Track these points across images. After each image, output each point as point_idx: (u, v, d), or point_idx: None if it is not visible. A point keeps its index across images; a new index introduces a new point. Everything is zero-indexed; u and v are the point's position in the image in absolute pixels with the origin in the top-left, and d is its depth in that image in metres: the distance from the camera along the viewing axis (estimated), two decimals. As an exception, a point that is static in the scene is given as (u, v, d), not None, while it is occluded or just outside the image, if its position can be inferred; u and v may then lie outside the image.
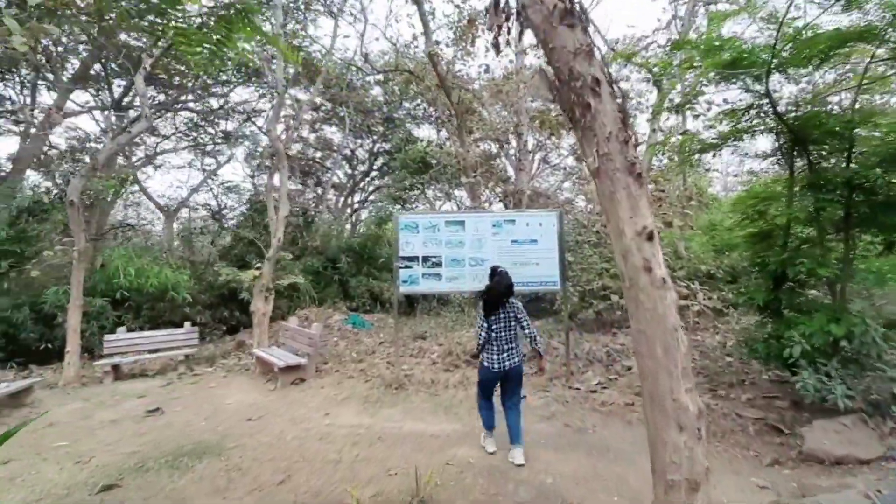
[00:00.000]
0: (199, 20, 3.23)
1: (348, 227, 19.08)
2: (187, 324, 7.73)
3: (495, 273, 4.12)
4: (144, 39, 11.64)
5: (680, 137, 9.59)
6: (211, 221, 16.43)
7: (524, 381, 4.14)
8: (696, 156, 5.76)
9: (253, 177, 21.12)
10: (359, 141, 20.28)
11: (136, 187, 18.11)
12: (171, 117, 16.81)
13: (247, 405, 5.64)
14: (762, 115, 4.48)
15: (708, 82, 4.70)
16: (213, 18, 3.13)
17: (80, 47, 12.10)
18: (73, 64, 12.82)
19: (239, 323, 11.51)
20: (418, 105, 19.50)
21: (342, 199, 20.36)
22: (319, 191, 17.86)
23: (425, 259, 6.00)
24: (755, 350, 5.10)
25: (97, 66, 13.35)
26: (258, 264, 8.01)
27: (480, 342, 3.94)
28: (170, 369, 7.41)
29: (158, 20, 3.35)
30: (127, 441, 4.60)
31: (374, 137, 19.79)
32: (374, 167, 20.53)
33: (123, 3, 3.67)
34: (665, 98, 5.11)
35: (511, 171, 15.65)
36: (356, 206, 21.19)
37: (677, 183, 11.67)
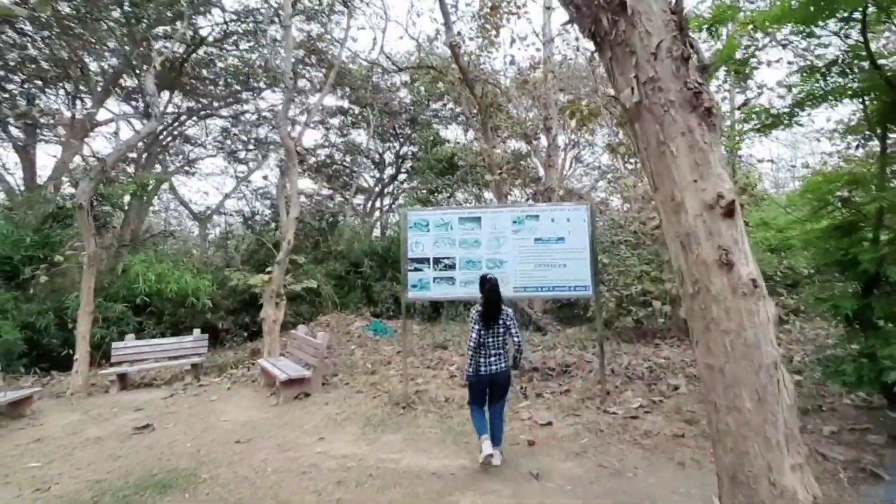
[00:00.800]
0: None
1: (377, 231, 18.63)
2: (196, 331, 7.31)
3: (486, 282, 3.89)
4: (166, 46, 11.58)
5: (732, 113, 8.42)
6: (242, 227, 16.36)
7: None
8: (756, 134, 4.71)
9: (283, 183, 21.16)
10: (386, 144, 19.90)
11: (171, 194, 18.46)
12: (203, 125, 17.00)
13: (240, 424, 5.05)
14: (848, 71, 3.47)
15: (771, 29, 3.69)
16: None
17: (112, 57, 12.21)
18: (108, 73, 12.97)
19: (259, 329, 11.12)
20: (444, 105, 18.89)
21: (370, 202, 19.97)
22: (346, 194, 17.46)
23: (437, 261, 5.25)
24: (841, 373, 4.02)
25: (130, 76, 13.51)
26: (269, 269, 7.51)
27: (471, 352, 3.84)
28: (177, 379, 6.99)
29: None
30: (100, 465, 4.07)
31: (401, 140, 19.35)
32: (402, 170, 20.05)
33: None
34: (729, 52, 4.12)
35: (542, 171, 14.71)
36: (385, 209, 20.74)
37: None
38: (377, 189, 19.99)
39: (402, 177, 20.39)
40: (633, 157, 11.58)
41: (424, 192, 18.05)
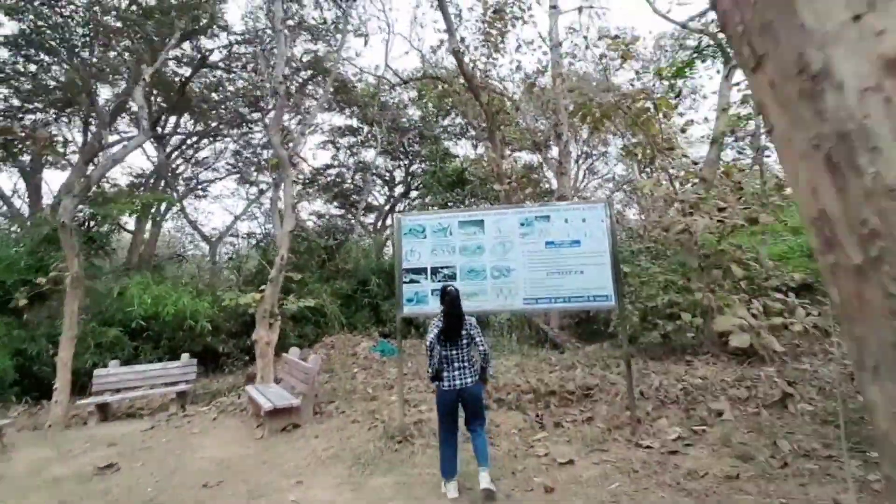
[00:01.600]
0: None
1: (388, 248, 18.10)
2: (185, 356, 6.73)
3: (446, 294, 3.55)
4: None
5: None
6: (253, 249, 16.00)
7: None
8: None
9: (296, 204, 20.92)
10: (396, 162, 19.55)
11: (182, 216, 18.30)
12: (213, 148, 16.90)
13: (216, 462, 4.37)
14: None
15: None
16: None
17: (120, 80, 12.13)
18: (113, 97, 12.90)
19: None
20: (454, 119, 18.51)
21: (380, 220, 19.51)
22: (355, 212, 17.02)
23: (435, 271, 4.57)
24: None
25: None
26: (262, 287, 6.93)
27: (432, 371, 3.51)
28: (164, 408, 6.37)
29: None
30: (40, 517, 3.43)
31: (411, 157, 18.97)
32: (413, 187, 19.60)
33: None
34: None
35: (554, 183, 14.02)
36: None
37: (754, 177, 9.53)
38: (387, 207, 19.56)
39: (413, 194, 19.94)
40: (650, 163, 10.83)
41: (435, 207, 17.52)
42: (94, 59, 11.07)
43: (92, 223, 8.70)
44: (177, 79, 12.12)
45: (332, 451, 4.35)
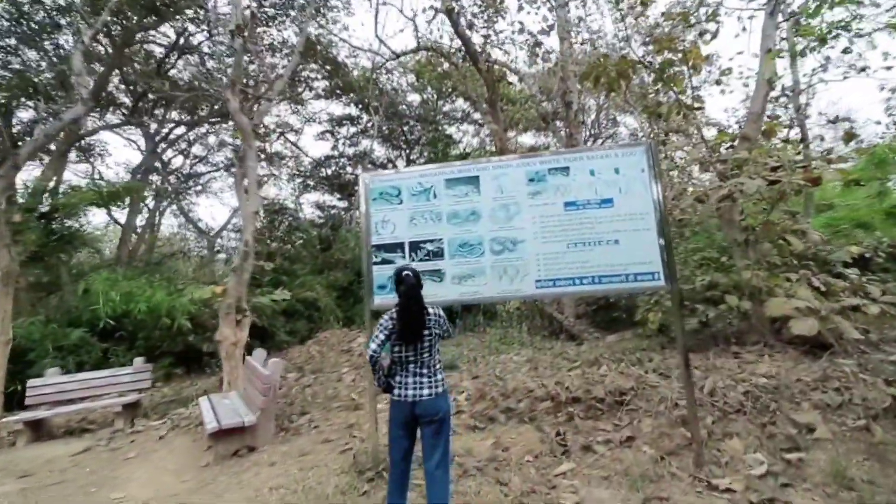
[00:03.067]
0: None
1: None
2: (138, 360, 5.57)
3: (402, 280, 2.37)
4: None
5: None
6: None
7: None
8: None
9: (297, 196, 19.80)
10: (396, 151, 18.27)
11: (178, 212, 17.27)
12: (206, 140, 15.78)
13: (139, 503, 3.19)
14: None
15: None
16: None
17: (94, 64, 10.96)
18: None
19: (249, 352, 9.38)
20: (455, 104, 17.15)
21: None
22: (353, 200, 15.82)
23: (415, 247, 3.28)
24: None
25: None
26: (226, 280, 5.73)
27: (380, 385, 2.39)
28: (107, 423, 5.22)
29: None
30: None
31: (412, 144, 17.67)
32: (415, 175, 18.24)
33: None
34: None
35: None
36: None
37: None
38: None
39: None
40: (676, 130, 9.37)
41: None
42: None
43: (56, 215, 7.60)
44: (156, 63, 10.92)
45: (286, 491, 3.12)
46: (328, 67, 14.25)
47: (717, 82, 7.12)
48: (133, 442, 4.62)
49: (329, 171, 17.42)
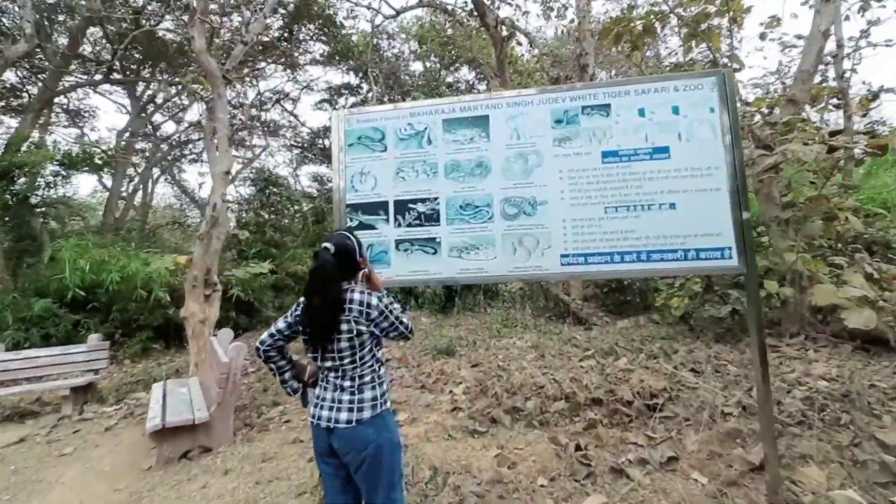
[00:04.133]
0: None
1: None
2: (94, 337, 4.80)
3: (317, 257, 1.55)
4: None
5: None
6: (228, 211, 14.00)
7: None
8: None
9: (295, 168, 18.85)
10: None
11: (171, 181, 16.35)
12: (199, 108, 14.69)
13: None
14: None
15: None
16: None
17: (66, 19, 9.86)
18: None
19: (237, 326, 8.65)
20: (459, 74, 15.99)
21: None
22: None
23: (403, 207, 2.43)
24: None
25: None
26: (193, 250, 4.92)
27: (284, 375, 1.67)
28: (53, 409, 4.49)
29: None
30: None
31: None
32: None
33: None
34: None
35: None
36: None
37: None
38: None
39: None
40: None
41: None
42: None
43: (12, 174, 6.74)
44: (133, 12, 9.79)
45: (228, 515, 2.39)
46: (326, 29, 13.07)
47: (762, 36, 6.08)
48: (76, 433, 3.90)
49: (327, 143, 16.46)
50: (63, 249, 6.79)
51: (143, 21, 10.19)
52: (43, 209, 9.99)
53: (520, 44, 9.56)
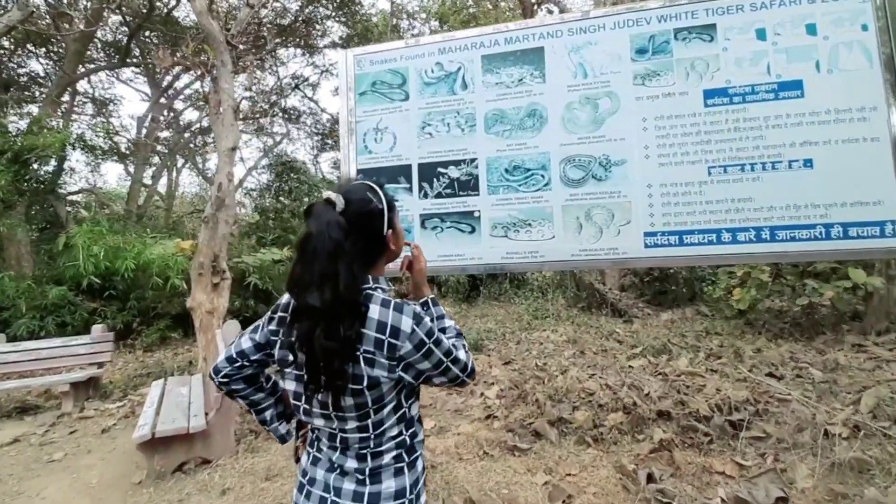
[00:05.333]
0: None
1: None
2: (97, 328, 4.45)
3: (310, 214, 0.86)
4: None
5: None
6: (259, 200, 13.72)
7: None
8: None
9: (316, 155, 18.49)
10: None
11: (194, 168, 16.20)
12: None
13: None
14: None
15: None
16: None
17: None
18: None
19: (255, 314, 8.31)
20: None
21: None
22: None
23: (430, 172, 1.84)
24: None
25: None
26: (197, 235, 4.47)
27: (263, 406, 1.05)
28: (56, 404, 4.14)
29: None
30: None
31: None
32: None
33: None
34: None
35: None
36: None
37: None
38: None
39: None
40: None
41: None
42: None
43: (27, 158, 6.48)
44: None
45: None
46: (344, 9, 12.47)
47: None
48: (72, 433, 3.53)
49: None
50: (77, 236, 6.50)
51: (159, 3, 9.82)
52: (68, 197, 9.87)
53: (550, 12, 8.74)
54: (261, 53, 11.45)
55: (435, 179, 1.83)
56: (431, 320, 1.01)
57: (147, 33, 10.91)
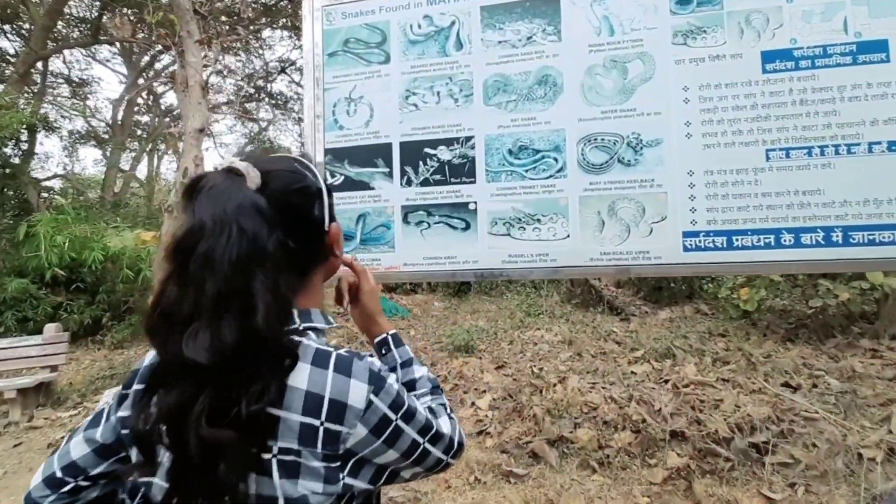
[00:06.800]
0: None
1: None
2: (51, 327, 4.01)
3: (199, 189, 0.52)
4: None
5: None
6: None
7: None
8: None
9: (303, 143, 17.96)
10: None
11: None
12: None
13: None
14: None
15: None
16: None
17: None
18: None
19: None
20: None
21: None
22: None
23: (415, 153, 1.47)
24: None
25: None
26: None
27: None
28: (2, 412, 3.72)
29: None
30: None
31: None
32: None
33: None
34: None
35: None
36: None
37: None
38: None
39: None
40: None
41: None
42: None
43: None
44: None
45: None
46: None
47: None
48: (17, 447, 3.13)
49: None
50: (39, 224, 6.00)
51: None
52: (43, 183, 9.26)
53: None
54: (245, 34, 10.85)
55: (421, 163, 1.46)
56: (398, 378, 0.65)
57: (123, 9, 10.24)
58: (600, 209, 1.34)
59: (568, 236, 1.36)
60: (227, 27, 10.07)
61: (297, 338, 0.53)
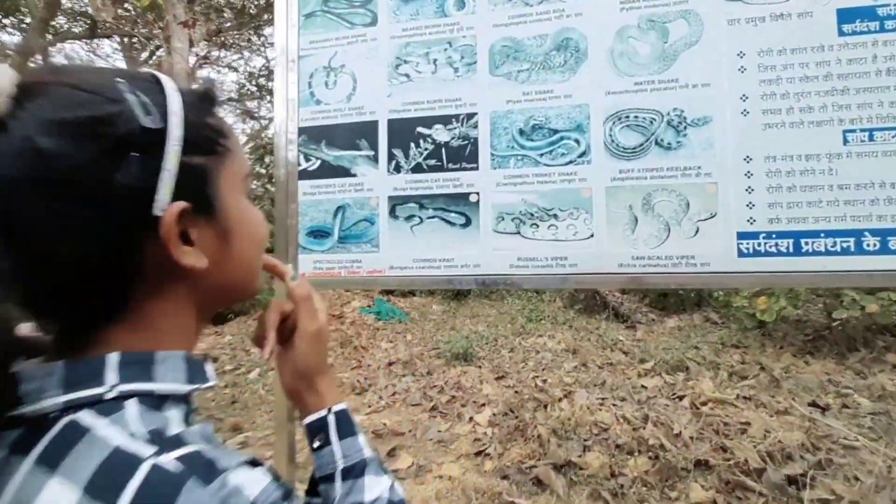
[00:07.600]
0: None
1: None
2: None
3: None
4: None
5: None
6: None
7: None
8: None
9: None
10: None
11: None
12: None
13: None
14: None
15: None
16: None
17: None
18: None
19: (231, 311, 7.61)
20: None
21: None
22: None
23: (406, 134, 1.21)
24: None
25: None
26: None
27: None
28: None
29: None
30: None
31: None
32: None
33: None
34: None
35: None
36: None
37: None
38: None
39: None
40: None
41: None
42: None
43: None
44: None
45: None
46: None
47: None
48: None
49: None
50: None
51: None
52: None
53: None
54: (245, 28, 10.64)
55: (412, 144, 1.20)
56: None
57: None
58: (632, 203, 1.08)
59: (592, 236, 1.09)
60: (229, 23, 9.85)
61: (66, 414, 0.27)
